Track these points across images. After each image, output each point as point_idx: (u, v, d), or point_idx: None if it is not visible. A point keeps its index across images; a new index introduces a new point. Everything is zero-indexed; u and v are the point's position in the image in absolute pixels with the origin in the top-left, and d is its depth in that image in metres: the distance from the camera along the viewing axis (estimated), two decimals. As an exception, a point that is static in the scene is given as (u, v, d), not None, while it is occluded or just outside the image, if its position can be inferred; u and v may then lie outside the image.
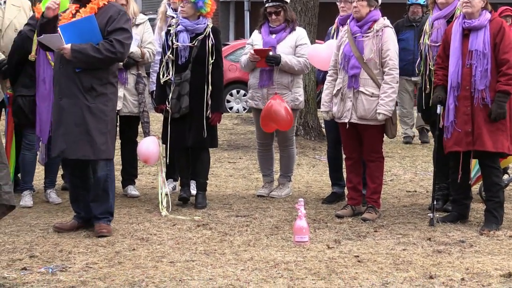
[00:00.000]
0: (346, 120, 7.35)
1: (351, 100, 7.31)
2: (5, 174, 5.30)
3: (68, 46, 6.47)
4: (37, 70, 7.54)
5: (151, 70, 8.39)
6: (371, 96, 7.24)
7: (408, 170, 10.15)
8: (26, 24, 7.62)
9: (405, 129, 12.35)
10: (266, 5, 8.20)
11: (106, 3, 6.64)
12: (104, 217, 6.76)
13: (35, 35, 7.10)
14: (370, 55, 7.25)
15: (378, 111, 7.20)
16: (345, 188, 7.91)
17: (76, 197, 6.88)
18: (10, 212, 5.61)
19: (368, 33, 7.30)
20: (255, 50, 8.01)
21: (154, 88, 8.18)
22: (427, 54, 7.57)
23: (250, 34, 8.66)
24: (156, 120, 11.46)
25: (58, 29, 6.55)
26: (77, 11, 6.64)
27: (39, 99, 7.53)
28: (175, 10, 8.32)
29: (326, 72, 7.76)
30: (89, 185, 6.82)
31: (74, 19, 6.60)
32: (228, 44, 17.47)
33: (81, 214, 6.91)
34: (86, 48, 6.50)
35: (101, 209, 6.76)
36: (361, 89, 7.27)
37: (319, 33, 12.08)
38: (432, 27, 7.56)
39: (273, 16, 8.16)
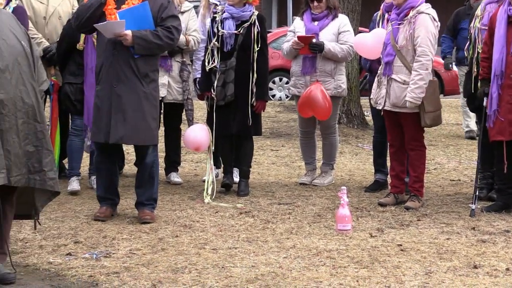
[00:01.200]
0: (380, 107, 7.33)
1: (385, 87, 7.27)
2: (49, 161, 5.35)
3: (129, 32, 6.51)
4: (85, 59, 7.59)
5: (194, 58, 8.41)
6: (403, 84, 7.17)
7: (452, 158, 10.06)
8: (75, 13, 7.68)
9: (468, 122, 11.46)
10: (309, -8, 8.17)
11: None
12: (149, 203, 6.82)
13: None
14: (402, 42, 7.18)
15: (406, 98, 7.13)
16: (388, 176, 7.88)
17: (110, 184, 6.93)
18: (54, 198, 5.66)
19: (403, 20, 7.23)
20: (298, 37, 7.98)
21: (198, 76, 8.21)
22: (476, 37, 7.46)
23: (293, 22, 8.63)
24: (199, 107, 11.49)
25: (116, 15, 6.58)
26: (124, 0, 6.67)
27: (87, 88, 7.57)
28: (218, -3, 8.32)
29: (372, 61, 7.71)
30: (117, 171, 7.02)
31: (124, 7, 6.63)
32: (270, 32, 17.42)
33: (116, 201, 6.98)
34: (147, 34, 6.56)
35: (147, 195, 6.82)
36: (393, 76, 7.22)
37: (362, 20, 12.01)
38: (484, 11, 7.46)
39: (315, 3, 8.13)
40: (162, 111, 8.40)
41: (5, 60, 5.12)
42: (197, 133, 7.71)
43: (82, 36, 7.52)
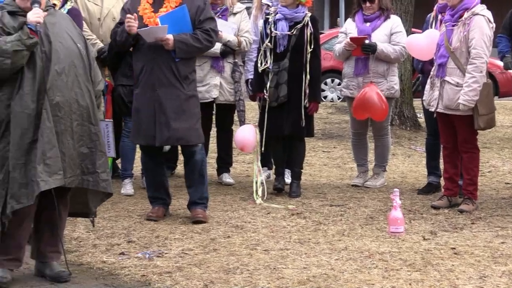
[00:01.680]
0: (433, 109, 7.26)
1: (438, 89, 7.19)
2: (103, 162, 5.40)
3: (171, 36, 6.56)
4: None
5: (246, 59, 8.42)
6: (456, 86, 7.08)
7: (507, 161, 9.92)
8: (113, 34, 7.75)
9: None
10: (361, -8, 8.13)
11: None
12: (201, 202, 6.87)
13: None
14: (456, 44, 7.09)
15: (459, 101, 7.04)
16: (442, 178, 7.80)
17: (159, 184, 6.97)
18: (107, 199, 5.72)
19: (458, 21, 7.14)
20: (351, 38, 7.94)
21: (250, 77, 8.22)
22: None
23: (345, 22, 8.59)
24: (251, 108, 11.51)
25: (157, 19, 6.63)
26: (161, 2, 6.70)
27: None
28: (271, -2, 8.32)
29: (425, 62, 7.64)
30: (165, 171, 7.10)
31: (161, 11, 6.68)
32: (322, 33, 17.38)
33: (167, 201, 7.02)
34: (187, 38, 6.62)
35: (199, 194, 6.86)
36: (446, 78, 7.13)
37: (415, 21, 11.91)
38: None
39: (368, 4, 8.09)
40: (214, 112, 8.45)
41: (61, 63, 5.19)
42: (244, 134, 7.73)
43: None
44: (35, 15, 5.11)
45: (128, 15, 6.62)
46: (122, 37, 6.70)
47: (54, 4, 5.62)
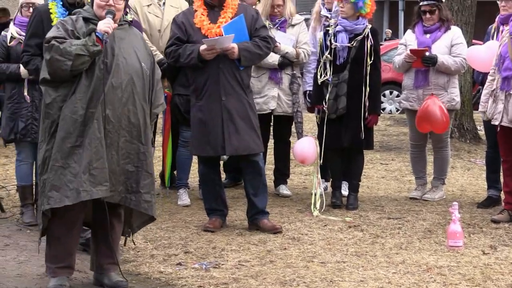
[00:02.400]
0: (497, 123, 7.15)
1: (502, 103, 7.08)
2: (147, 183, 5.35)
3: (235, 45, 6.61)
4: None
5: (304, 70, 8.42)
6: None
7: None
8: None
9: None
10: (421, 3, 8.07)
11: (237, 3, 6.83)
12: (267, 212, 6.93)
13: None
14: None
15: None
16: (502, 192, 7.68)
17: (216, 195, 7.00)
18: (151, 222, 5.69)
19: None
20: (411, 50, 7.89)
21: (308, 88, 8.21)
22: None
23: (404, 34, 8.53)
24: (308, 120, 11.49)
25: (221, 29, 6.67)
26: (217, 13, 6.75)
27: None
28: (329, 10, 8.31)
29: (485, 74, 7.55)
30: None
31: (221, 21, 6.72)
32: (381, 44, 17.29)
33: (225, 212, 7.05)
34: (250, 46, 6.69)
35: (264, 202, 6.91)
36: None
37: (476, 33, 11.79)
38: None
39: (428, 15, 8.02)
40: (271, 124, 8.46)
41: (119, 78, 5.20)
42: (304, 146, 7.71)
43: None
44: (105, 25, 5.15)
45: (208, 47, 6.60)
46: (189, 60, 6.69)
47: (131, 21, 5.66)
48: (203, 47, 6.61)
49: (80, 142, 5.12)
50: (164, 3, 8.17)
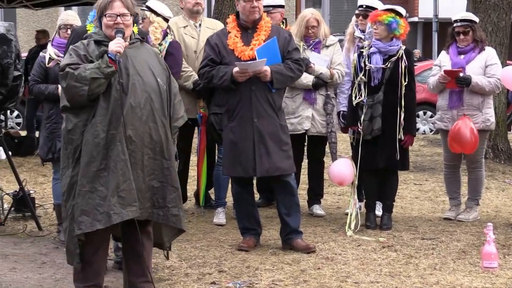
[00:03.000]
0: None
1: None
2: (174, 197, 5.38)
3: (268, 68, 6.67)
4: None
5: (338, 91, 8.45)
6: None
7: None
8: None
9: None
10: (455, 25, 8.08)
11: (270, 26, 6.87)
12: (300, 231, 6.95)
13: None
14: None
15: None
16: (537, 213, 7.64)
17: (250, 215, 7.03)
18: (180, 235, 5.71)
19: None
20: (445, 71, 7.89)
21: (342, 109, 8.24)
22: None
23: (438, 55, 8.54)
24: (342, 140, 11.50)
25: (255, 52, 6.73)
26: (250, 35, 6.81)
27: None
28: (362, 31, 8.35)
29: (518, 94, 7.54)
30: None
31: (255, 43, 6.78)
32: (415, 65, 17.29)
33: (258, 231, 7.08)
34: (282, 68, 6.73)
35: (297, 222, 6.93)
36: None
37: (510, 54, 11.76)
38: None
39: (461, 36, 8.03)
40: (305, 144, 8.49)
41: (137, 97, 5.21)
42: (342, 168, 7.72)
43: None
44: (116, 45, 5.16)
45: (241, 70, 6.66)
46: (222, 82, 6.75)
47: (142, 38, 5.70)
48: (236, 69, 6.67)
49: (105, 165, 5.14)
50: (200, 25, 8.27)
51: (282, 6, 8.55)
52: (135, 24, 6.75)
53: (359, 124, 7.71)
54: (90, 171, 5.15)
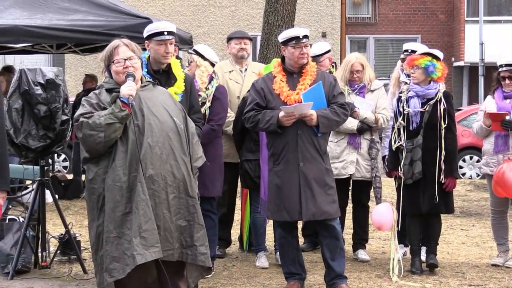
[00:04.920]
0: None
1: None
2: (201, 235, 5.36)
3: (314, 112, 6.68)
4: (260, 134, 7.74)
5: (383, 135, 8.43)
6: None
7: None
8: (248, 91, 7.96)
9: None
10: (500, 69, 8.04)
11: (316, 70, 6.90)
12: (345, 277, 6.89)
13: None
14: None
15: None
16: None
17: (294, 259, 6.99)
18: (207, 274, 5.66)
19: None
20: (490, 114, 7.84)
21: (386, 153, 8.22)
22: None
23: (484, 99, 8.49)
24: (387, 185, 11.45)
25: (300, 96, 6.75)
26: (296, 80, 6.82)
27: (263, 162, 7.70)
28: (408, 75, 8.34)
29: None
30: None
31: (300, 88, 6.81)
32: (461, 109, 17.22)
33: (303, 276, 7.03)
34: (328, 112, 6.74)
35: (342, 267, 6.87)
36: None
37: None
38: None
39: (507, 81, 7.98)
40: (350, 188, 8.46)
41: (155, 136, 5.22)
42: (381, 213, 7.67)
43: None
44: (127, 88, 5.19)
45: (287, 114, 6.65)
46: (268, 126, 6.74)
47: (155, 81, 5.74)
48: (282, 113, 6.69)
49: (130, 208, 5.13)
50: (246, 69, 8.34)
51: (328, 51, 8.59)
52: (182, 68, 6.87)
53: (399, 169, 7.67)
54: (116, 216, 5.14)
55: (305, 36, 6.81)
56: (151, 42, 6.60)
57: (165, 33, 6.55)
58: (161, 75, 6.62)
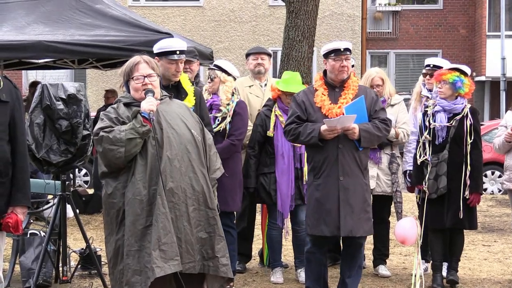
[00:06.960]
0: None
1: None
2: (221, 247, 5.36)
3: (356, 126, 6.58)
4: (275, 145, 7.72)
5: (404, 150, 8.39)
6: None
7: None
8: (264, 106, 7.95)
9: None
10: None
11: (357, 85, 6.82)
12: None
13: (273, 113, 7.70)
14: None
15: None
16: None
17: (319, 275, 6.90)
18: (228, 284, 5.66)
19: None
20: (512, 129, 7.81)
21: (408, 168, 8.18)
22: None
23: (505, 114, 8.45)
24: (408, 200, 11.41)
25: (343, 109, 6.68)
26: (337, 93, 6.75)
27: (278, 174, 7.69)
28: (430, 90, 8.31)
29: None
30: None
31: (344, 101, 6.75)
32: (483, 125, 17.13)
33: None
34: (370, 127, 6.61)
35: (356, 283, 6.80)
36: None
37: None
38: None
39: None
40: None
41: (173, 149, 5.23)
42: (406, 227, 7.61)
43: (272, 122, 7.74)
44: (148, 103, 5.21)
45: (329, 127, 6.54)
46: (309, 139, 6.63)
47: (171, 94, 5.75)
48: (324, 127, 6.58)
49: (150, 222, 5.13)
50: (265, 84, 8.35)
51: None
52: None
53: (424, 183, 7.63)
54: (136, 229, 5.14)
55: (347, 49, 6.72)
56: (162, 59, 6.57)
57: (177, 52, 6.55)
58: (171, 90, 6.62)
